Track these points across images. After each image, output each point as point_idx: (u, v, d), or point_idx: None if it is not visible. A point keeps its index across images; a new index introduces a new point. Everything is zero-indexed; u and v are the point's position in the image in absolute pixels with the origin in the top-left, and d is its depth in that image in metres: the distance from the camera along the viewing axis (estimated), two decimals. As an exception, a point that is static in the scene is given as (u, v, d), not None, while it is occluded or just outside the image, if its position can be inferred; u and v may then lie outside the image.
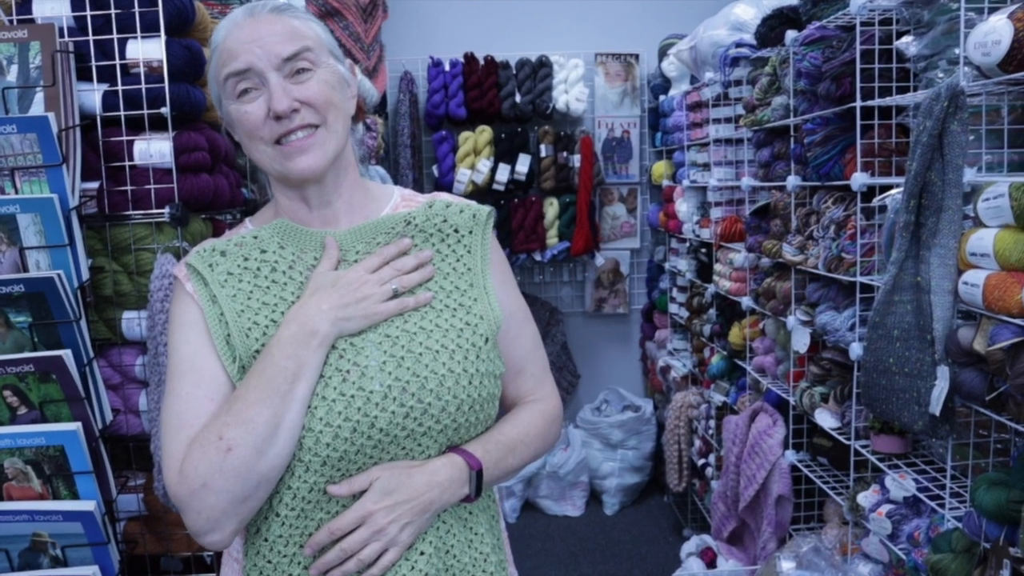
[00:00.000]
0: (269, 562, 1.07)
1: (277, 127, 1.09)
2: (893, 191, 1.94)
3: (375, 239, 1.17)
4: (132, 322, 1.71)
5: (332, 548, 1.06)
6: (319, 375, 1.06)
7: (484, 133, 4.14)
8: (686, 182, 3.69)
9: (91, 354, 1.62)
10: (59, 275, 1.53)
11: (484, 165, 4.12)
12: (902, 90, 1.99)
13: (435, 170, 4.19)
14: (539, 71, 4.19)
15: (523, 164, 4.15)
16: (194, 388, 1.08)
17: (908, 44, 1.88)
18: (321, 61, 1.12)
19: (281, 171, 1.12)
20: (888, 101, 1.96)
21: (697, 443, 3.66)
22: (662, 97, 4.18)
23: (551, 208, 4.27)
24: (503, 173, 4.14)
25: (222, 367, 1.09)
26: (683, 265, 3.84)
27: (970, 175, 1.61)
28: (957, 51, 1.67)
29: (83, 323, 1.60)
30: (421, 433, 1.08)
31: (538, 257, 4.32)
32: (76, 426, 1.56)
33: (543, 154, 4.22)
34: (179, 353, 1.11)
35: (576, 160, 4.24)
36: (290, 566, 1.08)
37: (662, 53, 4.14)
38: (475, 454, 1.12)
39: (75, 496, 1.60)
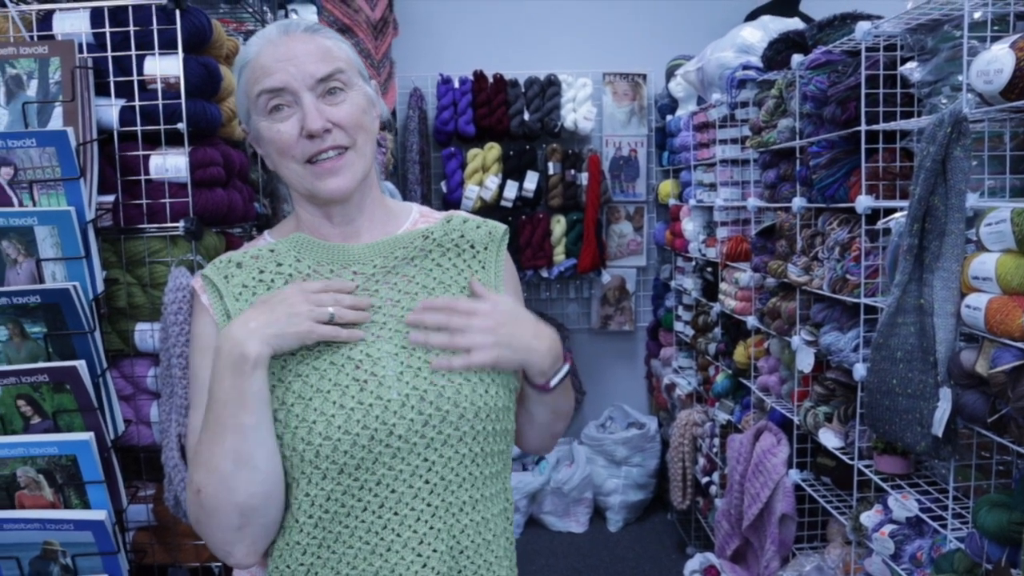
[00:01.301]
0: (288, 566, 1.09)
1: (309, 146, 1.11)
2: (897, 214, 1.96)
3: (393, 253, 1.19)
4: (145, 334, 1.74)
5: (437, 311, 1.11)
6: (268, 399, 1.06)
7: (493, 150, 4.18)
8: (692, 201, 3.71)
9: (104, 365, 1.64)
10: (75, 287, 1.55)
11: (492, 182, 4.16)
12: (906, 115, 2.01)
13: (443, 186, 4.23)
14: (548, 89, 4.23)
15: (531, 181, 4.19)
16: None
17: (912, 70, 1.91)
18: (352, 83, 1.14)
19: (310, 190, 1.14)
20: (892, 126, 1.98)
21: (701, 461, 3.67)
22: (669, 117, 4.22)
23: (558, 225, 4.30)
24: (511, 190, 4.18)
25: None
26: (689, 284, 3.86)
27: (972, 200, 1.63)
28: (960, 78, 1.69)
29: (97, 334, 1.62)
30: (440, 442, 1.09)
31: (545, 274, 4.35)
32: (89, 436, 1.58)
33: (551, 172, 4.25)
34: (196, 379, 1.14)
35: (584, 178, 4.27)
36: (307, 574, 1.09)
37: (669, 73, 4.18)
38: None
39: (86, 505, 1.62)
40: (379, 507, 1.08)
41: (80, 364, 1.56)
